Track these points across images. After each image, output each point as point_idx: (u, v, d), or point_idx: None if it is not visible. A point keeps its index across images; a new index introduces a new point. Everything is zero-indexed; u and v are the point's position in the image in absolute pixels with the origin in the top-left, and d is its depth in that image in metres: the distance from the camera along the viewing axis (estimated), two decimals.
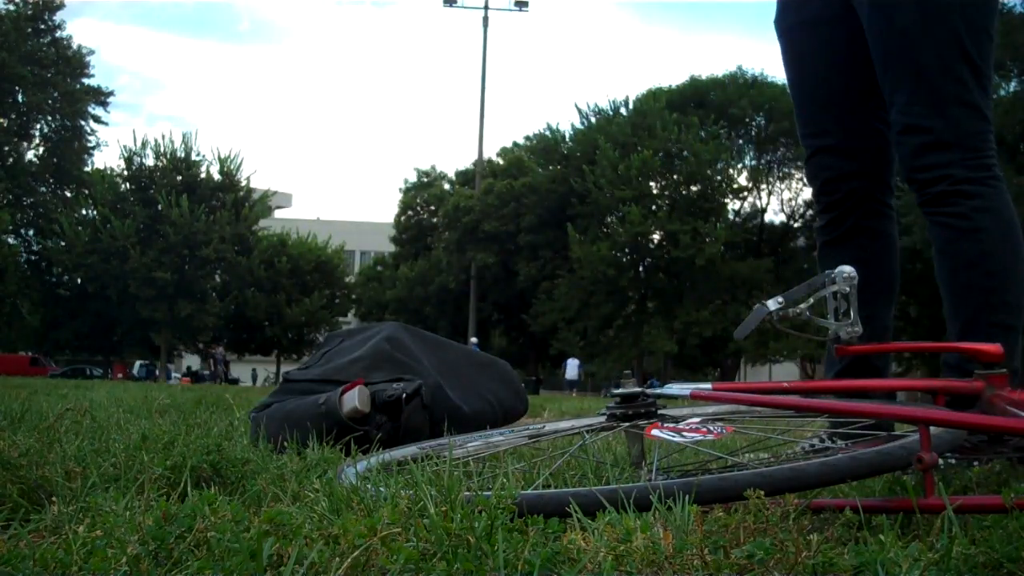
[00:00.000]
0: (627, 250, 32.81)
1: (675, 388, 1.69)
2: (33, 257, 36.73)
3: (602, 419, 1.79)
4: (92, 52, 38.81)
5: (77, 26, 69.56)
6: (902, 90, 2.07)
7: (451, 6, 41.29)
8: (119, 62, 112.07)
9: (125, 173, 36.13)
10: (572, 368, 33.56)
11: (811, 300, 1.75)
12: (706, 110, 35.55)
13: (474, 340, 31.45)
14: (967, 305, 2.02)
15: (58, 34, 36.75)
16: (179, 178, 35.67)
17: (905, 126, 2.07)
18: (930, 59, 2.03)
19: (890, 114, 2.12)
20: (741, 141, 37.73)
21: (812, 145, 2.33)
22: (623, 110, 35.68)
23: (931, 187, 2.04)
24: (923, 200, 2.07)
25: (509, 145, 42.12)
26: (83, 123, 37.03)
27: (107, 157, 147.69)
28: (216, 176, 36.76)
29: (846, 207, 2.27)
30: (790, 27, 2.34)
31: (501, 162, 40.76)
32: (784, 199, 38.93)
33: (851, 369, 2.17)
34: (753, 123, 37.18)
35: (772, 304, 1.72)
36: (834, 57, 2.26)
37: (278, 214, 51.28)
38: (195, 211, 34.08)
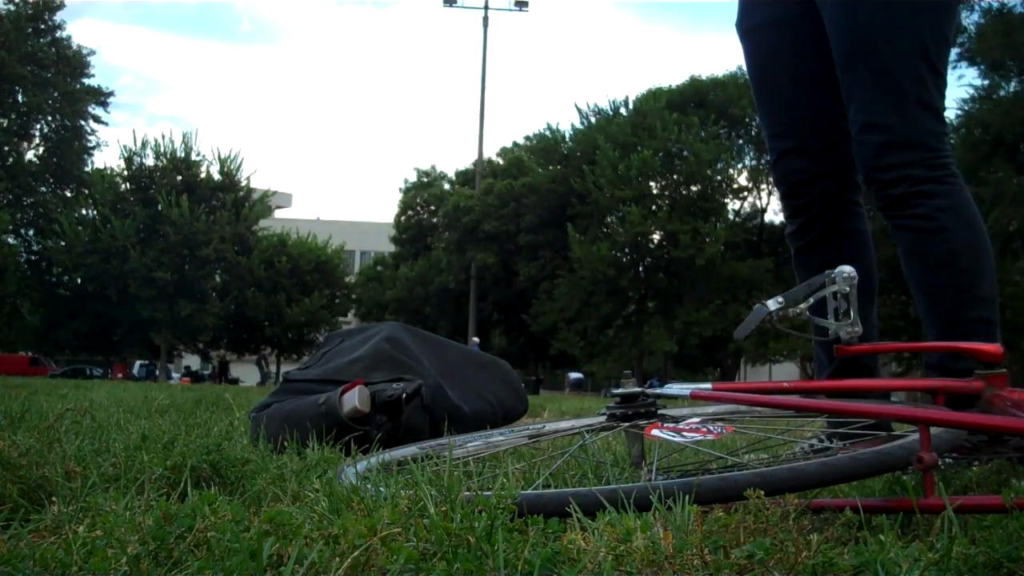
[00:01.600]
0: (627, 250, 32.80)
1: (675, 388, 1.69)
2: (33, 257, 36.71)
3: (602, 419, 1.79)
4: (92, 52, 38.84)
5: (79, 27, 69.24)
6: (862, 88, 2.07)
7: (451, 6, 41.29)
8: (121, 62, 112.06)
9: (125, 173, 36.13)
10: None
11: (811, 300, 1.75)
12: (706, 110, 35.53)
13: (476, 340, 31.44)
14: (943, 305, 2.03)
15: (58, 34, 36.74)
16: (179, 178, 35.66)
17: (864, 124, 2.06)
18: (892, 58, 2.04)
19: (848, 113, 2.11)
20: (741, 141, 37.71)
21: (778, 147, 2.31)
22: (623, 110, 35.67)
23: (892, 188, 2.04)
24: (884, 203, 2.07)
25: (509, 145, 42.13)
26: (83, 123, 37.03)
27: (107, 157, 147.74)
28: (216, 176, 36.76)
29: (817, 210, 2.26)
30: (754, 27, 2.33)
31: (501, 162, 40.75)
32: None
33: (843, 370, 2.17)
34: (753, 123, 37.13)
35: (772, 304, 1.72)
36: (800, 57, 2.25)
37: (278, 214, 51.26)
38: (195, 211, 34.07)
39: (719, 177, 33.92)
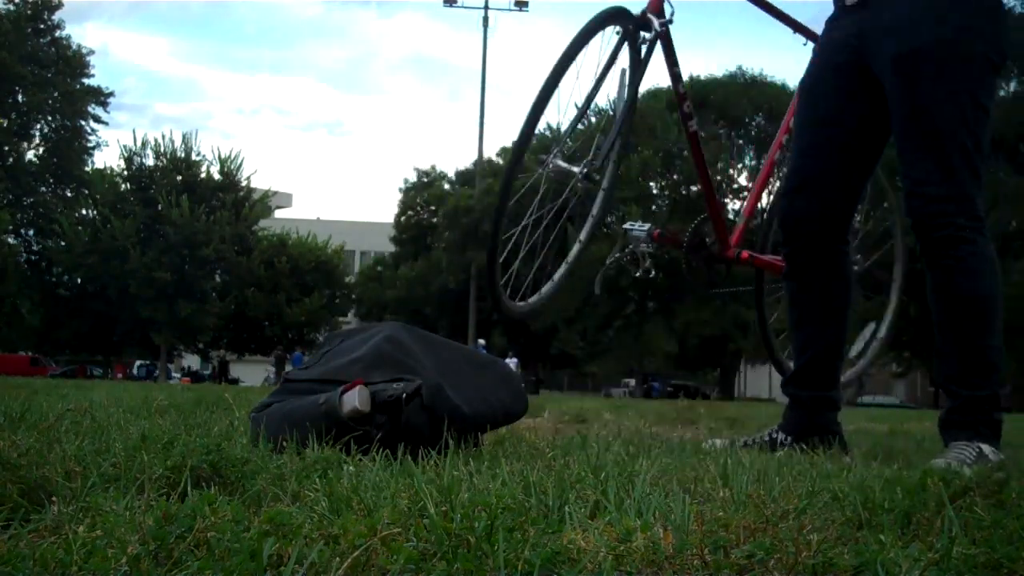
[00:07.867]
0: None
1: None
2: (33, 257, 36.73)
3: None
4: (92, 52, 38.79)
5: (85, 28, 69.20)
6: (919, 154, 2.44)
7: (451, 6, 41.31)
8: (125, 64, 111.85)
9: (125, 173, 36.13)
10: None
11: None
12: (706, 110, 35.51)
13: (482, 342, 31.41)
14: (963, 333, 2.40)
15: (58, 34, 36.77)
16: (179, 178, 35.67)
17: (917, 181, 2.44)
18: (942, 126, 2.42)
19: (902, 171, 2.49)
20: (741, 141, 37.71)
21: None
22: None
23: (937, 232, 2.42)
24: (927, 246, 2.44)
25: (509, 145, 42.10)
26: (83, 123, 37.04)
27: (107, 157, 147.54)
28: (216, 176, 36.77)
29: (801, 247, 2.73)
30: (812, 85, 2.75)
31: (501, 162, 40.74)
32: None
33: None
34: (753, 123, 37.15)
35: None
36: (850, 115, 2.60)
37: (278, 214, 51.19)
38: (195, 211, 34.07)
39: (719, 177, 33.91)
